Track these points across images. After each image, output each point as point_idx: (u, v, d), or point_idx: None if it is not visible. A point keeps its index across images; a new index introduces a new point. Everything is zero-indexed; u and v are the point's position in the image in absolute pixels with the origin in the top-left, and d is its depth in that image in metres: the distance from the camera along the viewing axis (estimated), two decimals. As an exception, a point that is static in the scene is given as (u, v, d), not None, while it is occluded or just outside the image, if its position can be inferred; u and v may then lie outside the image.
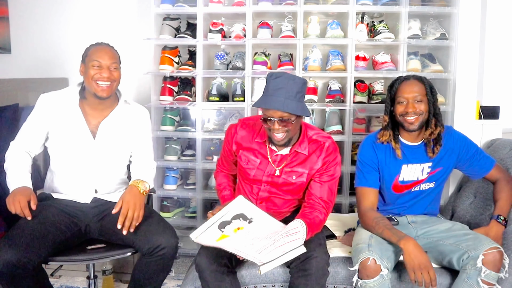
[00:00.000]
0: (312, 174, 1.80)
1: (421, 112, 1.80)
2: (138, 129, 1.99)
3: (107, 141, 1.91)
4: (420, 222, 1.91)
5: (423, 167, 1.89)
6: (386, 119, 1.89)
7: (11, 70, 3.10)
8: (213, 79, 2.69)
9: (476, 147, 1.94)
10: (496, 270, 1.58)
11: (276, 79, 1.63)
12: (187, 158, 2.70)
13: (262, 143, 1.82)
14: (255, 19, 2.65)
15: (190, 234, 1.60)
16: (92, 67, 1.84)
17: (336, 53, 2.59)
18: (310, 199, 1.78)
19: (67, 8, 3.06)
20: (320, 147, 1.80)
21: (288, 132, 1.69)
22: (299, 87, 1.64)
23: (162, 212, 2.68)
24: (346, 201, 2.56)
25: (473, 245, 1.63)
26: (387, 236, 1.73)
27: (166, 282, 2.63)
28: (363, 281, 1.63)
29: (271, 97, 1.62)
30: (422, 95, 1.81)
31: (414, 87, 1.82)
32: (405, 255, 1.62)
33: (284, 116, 1.63)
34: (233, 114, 2.71)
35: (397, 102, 1.84)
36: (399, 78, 1.88)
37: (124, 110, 1.98)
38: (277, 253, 1.51)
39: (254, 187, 1.85)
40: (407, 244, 1.62)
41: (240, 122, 1.89)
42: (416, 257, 1.60)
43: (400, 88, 1.84)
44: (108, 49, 1.90)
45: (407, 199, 1.94)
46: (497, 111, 2.49)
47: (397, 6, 2.47)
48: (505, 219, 1.82)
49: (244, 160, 1.84)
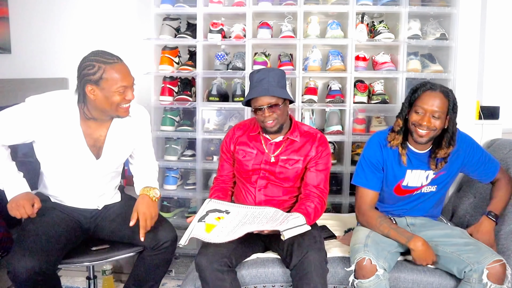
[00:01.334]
0: (307, 161, 1.89)
1: (434, 128, 1.72)
2: (139, 133, 1.91)
3: (111, 159, 1.84)
4: (419, 225, 1.91)
5: (428, 173, 1.86)
6: (400, 123, 1.80)
7: (11, 70, 3.10)
8: (213, 79, 2.69)
9: (482, 150, 1.91)
10: (500, 282, 1.59)
11: (258, 73, 1.82)
12: (187, 158, 2.70)
13: (256, 135, 1.94)
14: (255, 19, 2.65)
15: (178, 243, 1.70)
16: (116, 93, 1.66)
17: (336, 53, 2.59)
18: (306, 189, 1.87)
19: (67, 8, 3.06)
20: (312, 137, 1.92)
21: (277, 119, 1.82)
22: (279, 76, 1.83)
23: (162, 212, 2.68)
24: (346, 201, 2.56)
25: (475, 257, 1.62)
26: (393, 236, 1.74)
27: (166, 282, 2.64)
28: (358, 281, 1.64)
29: (256, 88, 1.80)
30: (442, 112, 1.71)
31: (437, 100, 1.70)
32: (414, 252, 1.70)
33: (272, 102, 1.78)
34: (233, 114, 2.71)
35: (415, 110, 1.74)
36: (425, 85, 1.75)
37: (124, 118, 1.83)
38: (285, 226, 1.61)
39: (253, 176, 1.90)
40: (416, 244, 1.69)
41: (236, 125, 2.05)
42: (425, 256, 1.69)
43: (422, 96, 1.73)
44: (124, 65, 1.70)
45: (408, 201, 1.93)
46: (497, 111, 2.50)
47: (397, 6, 2.47)
48: (496, 215, 1.83)
49: (241, 154, 1.93)
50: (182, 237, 1.66)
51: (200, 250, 1.71)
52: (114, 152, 1.83)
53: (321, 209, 1.85)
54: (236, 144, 1.96)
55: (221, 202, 1.75)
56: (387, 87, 2.67)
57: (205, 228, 1.66)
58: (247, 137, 1.95)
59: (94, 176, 1.83)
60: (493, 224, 1.82)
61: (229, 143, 1.98)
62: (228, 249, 1.69)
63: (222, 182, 2.03)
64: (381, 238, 1.77)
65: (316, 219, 1.84)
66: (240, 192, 1.96)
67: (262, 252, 1.90)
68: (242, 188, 1.95)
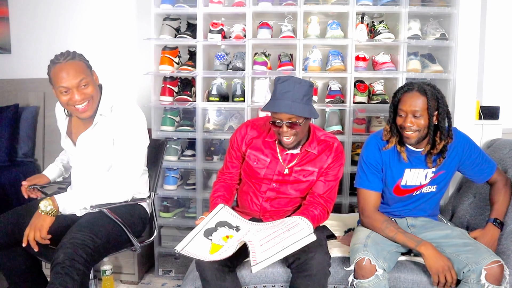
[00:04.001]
0: (321, 173, 1.83)
1: (419, 128, 1.73)
2: (115, 133, 1.82)
3: (85, 148, 1.85)
4: (419, 226, 1.91)
5: (427, 172, 1.86)
6: (387, 128, 1.83)
7: (11, 70, 3.10)
8: (213, 79, 2.69)
9: (479, 150, 1.91)
10: (498, 283, 1.59)
11: (283, 83, 1.67)
12: (187, 158, 2.69)
13: (272, 142, 1.85)
14: (255, 20, 2.65)
15: (175, 247, 1.61)
16: (61, 94, 1.70)
17: (336, 53, 2.59)
18: (310, 197, 1.83)
19: (67, 9, 3.07)
20: (329, 147, 1.84)
21: (296, 136, 1.73)
22: (306, 90, 1.68)
23: (162, 212, 2.69)
24: (346, 201, 2.56)
25: (473, 258, 1.63)
26: (400, 240, 1.74)
27: (166, 282, 2.64)
28: (358, 280, 1.64)
29: (279, 100, 1.66)
30: (422, 110, 1.72)
31: (414, 100, 1.72)
32: (427, 259, 1.67)
33: (292, 119, 1.67)
34: (233, 114, 2.71)
35: (398, 113, 1.78)
36: (403, 88, 1.79)
37: (104, 121, 1.82)
38: (275, 250, 1.51)
39: (263, 185, 1.86)
40: (427, 250, 1.68)
41: (250, 123, 1.92)
42: (437, 260, 1.65)
43: (401, 99, 1.76)
44: (68, 65, 1.68)
45: (408, 202, 1.93)
46: (497, 111, 2.50)
47: (397, 7, 2.47)
48: (501, 222, 1.82)
49: (253, 159, 1.86)
50: (180, 243, 1.61)
51: (200, 250, 1.71)
52: (88, 143, 1.84)
53: (323, 217, 1.81)
54: (249, 146, 1.87)
55: (234, 214, 1.71)
56: (387, 87, 2.67)
57: (210, 250, 1.60)
58: (262, 142, 1.85)
59: (76, 165, 1.91)
60: (498, 232, 1.81)
61: (241, 142, 1.88)
62: (228, 249, 1.69)
63: (228, 179, 1.96)
64: (381, 239, 1.77)
65: (315, 226, 1.77)
66: (246, 199, 1.92)
67: (262, 252, 1.89)
68: (248, 194, 1.91)
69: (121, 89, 3.05)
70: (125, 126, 1.81)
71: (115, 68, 3.04)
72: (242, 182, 1.98)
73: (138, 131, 1.84)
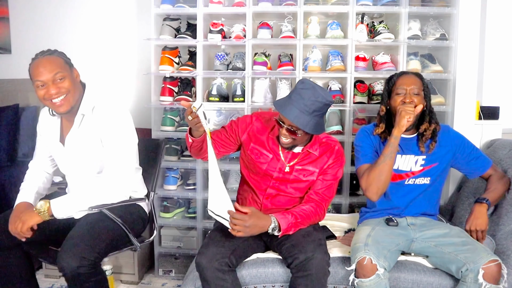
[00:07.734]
0: (321, 173, 1.85)
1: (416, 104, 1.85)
2: (102, 133, 1.81)
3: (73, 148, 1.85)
4: (419, 225, 1.91)
5: (417, 159, 1.93)
6: (383, 109, 1.96)
7: (11, 70, 3.10)
8: (213, 79, 2.69)
9: (473, 146, 1.98)
10: (495, 282, 1.60)
11: (302, 89, 1.66)
12: (187, 158, 2.69)
13: (275, 139, 1.85)
14: (255, 20, 2.65)
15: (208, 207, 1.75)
16: (37, 88, 1.71)
17: (336, 53, 2.59)
18: (308, 195, 1.85)
19: (67, 9, 3.07)
20: (330, 149, 1.86)
21: (294, 141, 1.76)
22: (319, 106, 1.66)
23: (163, 212, 2.69)
24: (346, 201, 2.56)
25: (471, 257, 1.64)
26: (388, 153, 1.82)
27: (166, 282, 2.64)
28: (359, 280, 1.65)
29: (289, 105, 1.66)
30: (419, 89, 1.89)
31: (412, 79, 1.90)
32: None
33: (293, 127, 1.69)
34: (233, 114, 2.71)
35: (396, 93, 1.90)
36: (397, 73, 1.97)
37: (88, 121, 1.81)
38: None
39: (263, 183, 1.87)
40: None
41: (256, 115, 1.91)
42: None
43: (399, 80, 1.92)
44: (45, 60, 1.70)
45: (403, 193, 1.94)
46: (497, 112, 2.50)
47: (397, 7, 2.47)
48: (487, 199, 1.85)
49: (256, 154, 1.86)
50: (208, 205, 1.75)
51: (200, 250, 1.71)
52: (75, 143, 1.83)
53: (316, 214, 1.80)
54: (251, 139, 1.86)
55: None
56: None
57: None
58: (266, 137, 1.86)
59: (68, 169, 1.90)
60: (486, 207, 1.83)
61: (244, 130, 1.87)
62: (229, 249, 1.69)
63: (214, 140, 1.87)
64: (381, 237, 1.78)
65: (309, 223, 1.80)
66: (246, 197, 1.94)
67: (263, 252, 1.89)
68: (248, 192, 1.93)
69: (120, 89, 3.05)
70: (111, 126, 1.80)
71: (115, 68, 3.04)
72: (242, 180, 1.99)
73: (125, 129, 1.84)
